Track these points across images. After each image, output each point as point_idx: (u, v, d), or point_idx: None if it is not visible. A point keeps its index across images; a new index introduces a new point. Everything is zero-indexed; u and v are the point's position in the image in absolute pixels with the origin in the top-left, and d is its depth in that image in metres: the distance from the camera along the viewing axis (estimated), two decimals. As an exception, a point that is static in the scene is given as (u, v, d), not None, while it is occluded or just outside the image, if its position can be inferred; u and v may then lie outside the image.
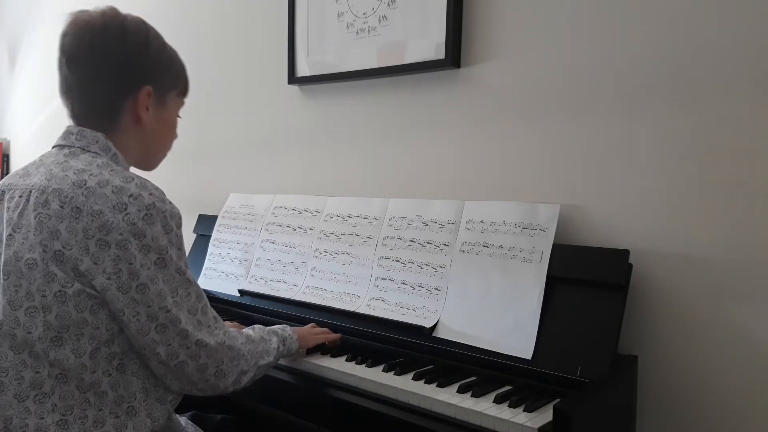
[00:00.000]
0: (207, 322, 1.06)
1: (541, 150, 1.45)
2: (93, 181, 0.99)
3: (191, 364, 1.02)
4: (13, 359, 0.98)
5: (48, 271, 0.96)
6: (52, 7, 3.16)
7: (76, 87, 1.10)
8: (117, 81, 1.09)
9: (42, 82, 3.25)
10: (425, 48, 1.62)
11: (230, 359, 1.07)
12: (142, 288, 0.97)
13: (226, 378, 1.07)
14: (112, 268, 0.96)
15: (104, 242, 0.96)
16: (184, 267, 1.03)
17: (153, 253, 0.98)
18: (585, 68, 1.38)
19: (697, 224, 1.25)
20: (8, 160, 3.51)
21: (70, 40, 1.08)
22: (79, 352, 0.98)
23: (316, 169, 1.93)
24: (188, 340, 1.01)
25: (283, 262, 1.72)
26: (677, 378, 1.27)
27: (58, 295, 0.96)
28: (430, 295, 1.41)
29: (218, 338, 1.05)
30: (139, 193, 0.99)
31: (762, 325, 1.19)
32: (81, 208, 0.96)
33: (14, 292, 0.98)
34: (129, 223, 0.97)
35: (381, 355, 1.34)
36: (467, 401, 1.11)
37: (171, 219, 1.02)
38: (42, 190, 0.99)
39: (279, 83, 2.00)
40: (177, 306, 1.00)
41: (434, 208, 1.50)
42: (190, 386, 1.06)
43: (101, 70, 1.08)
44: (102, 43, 1.07)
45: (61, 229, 0.96)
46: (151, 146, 1.18)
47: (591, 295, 1.23)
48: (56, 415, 0.97)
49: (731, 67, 1.21)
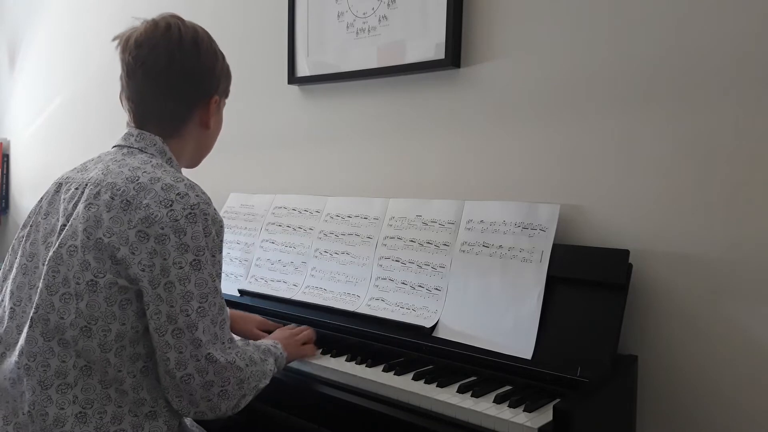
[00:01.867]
0: (223, 338, 1.05)
1: (541, 150, 1.45)
2: (145, 178, 1.03)
3: (197, 378, 1.01)
4: (42, 345, 0.99)
5: (84, 259, 0.99)
6: (52, 7, 3.16)
7: (150, 97, 1.13)
8: (191, 93, 1.16)
9: (42, 82, 3.25)
10: (425, 48, 1.62)
11: (237, 382, 1.05)
12: (169, 286, 0.98)
13: (228, 400, 1.05)
14: (147, 260, 0.98)
15: (144, 234, 0.98)
16: (215, 275, 1.04)
17: (190, 253, 1.00)
18: (585, 68, 1.38)
19: (697, 224, 1.25)
20: (8, 160, 3.51)
21: (147, 53, 1.10)
22: (105, 347, 0.99)
23: (316, 169, 1.93)
24: (200, 351, 1.00)
25: (283, 262, 1.72)
26: (677, 378, 1.28)
27: (90, 284, 0.98)
28: (430, 295, 1.41)
29: (229, 357, 1.04)
30: (187, 192, 1.03)
31: (762, 324, 1.19)
32: (131, 201, 1.00)
33: (52, 277, 1.00)
34: (172, 219, 0.99)
35: (381, 355, 1.34)
36: (467, 401, 1.11)
37: (213, 224, 1.04)
38: (97, 183, 1.04)
39: (279, 83, 2.00)
40: (200, 312, 1.00)
41: (434, 208, 1.50)
42: (191, 406, 1.03)
43: (178, 84, 1.13)
44: (180, 59, 1.12)
45: (105, 218, 1.00)
46: (207, 148, 1.27)
47: (591, 295, 1.23)
48: (76, 407, 0.99)
49: (731, 67, 1.21)
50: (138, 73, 1.12)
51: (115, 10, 2.71)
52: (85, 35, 2.93)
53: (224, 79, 1.23)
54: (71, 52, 3.03)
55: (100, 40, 2.71)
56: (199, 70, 1.15)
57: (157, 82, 1.12)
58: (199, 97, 1.17)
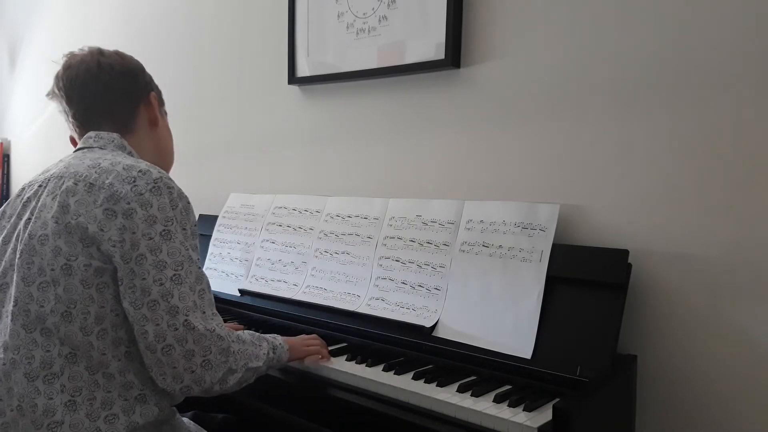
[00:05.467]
0: (203, 306, 1.04)
1: (540, 150, 1.46)
2: (106, 162, 1.07)
3: (177, 348, 0.99)
4: (25, 338, 1.00)
5: (55, 245, 1.01)
6: (52, 7, 3.16)
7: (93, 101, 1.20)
8: (129, 89, 1.23)
9: (42, 82, 3.25)
10: (425, 48, 1.62)
11: (219, 351, 1.03)
12: (140, 259, 1.00)
13: (213, 371, 1.02)
14: (117, 236, 1.00)
15: (111, 211, 1.01)
16: (188, 246, 1.05)
17: (159, 224, 1.02)
18: (585, 68, 1.38)
19: (697, 224, 1.25)
20: (8, 160, 3.51)
21: (76, 69, 1.20)
22: (86, 330, 1.00)
23: (316, 169, 1.93)
24: (177, 319, 0.99)
25: (283, 261, 1.72)
26: (677, 378, 1.28)
27: (64, 269, 1.00)
28: (430, 294, 1.42)
29: (209, 325, 1.03)
30: (148, 169, 1.06)
31: (761, 324, 1.19)
32: (94, 183, 1.03)
33: (27, 269, 1.02)
34: (136, 193, 1.02)
35: (381, 354, 1.35)
36: (467, 401, 1.11)
37: (180, 198, 1.07)
38: (59, 175, 1.08)
39: (279, 83, 2.00)
40: (175, 280, 1.01)
41: (434, 208, 1.50)
42: (175, 382, 1.01)
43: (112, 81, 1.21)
44: (107, 62, 1.21)
45: (71, 203, 1.02)
46: (163, 153, 1.31)
47: (591, 295, 1.24)
48: (65, 395, 0.99)
49: (731, 67, 1.21)
50: (75, 88, 1.19)
51: (116, 10, 2.71)
52: (85, 35, 2.93)
53: (154, 83, 1.30)
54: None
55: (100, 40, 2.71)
56: (128, 68, 1.24)
57: (94, 84, 1.19)
58: (138, 93, 1.24)
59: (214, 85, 2.26)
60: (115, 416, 1.01)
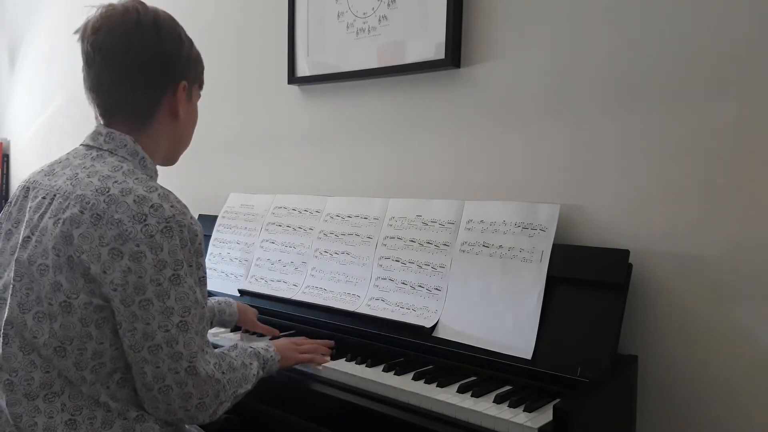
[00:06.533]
0: (203, 346, 1.03)
1: (541, 150, 1.45)
2: (116, 189, 0.97)
3: (176, 390, 0.98)
4: (23, 360, 0.98)
5: (55, 280, 0.95)
6: (52, 7, 3.16)
7: (111, 85, 1.06)
8: (155, 79, 1.08)
9: (42, 82, 3.25)
10: (425, 48, 1.62)
11: (215, 393, 1.03)
12: (146, 304, 0.95)
13: (206, 411, 1.03)
14: (120, 279, 0.94)
15: (118, 252, 0.94)
16: (195, 284, 1.01)
17: (168, 269, 0.96)
18: (585, 68, 1.38)
19: (697, 224, 1.25)
20: (8, 160, 3.51)
21: (103, 37, 1.03)
22: (80, 365, 0.97)
23: (316, 169, 1.93)
24: (179, 364, 0.97)
25: (283, 262, 1.72)
26: (677, 378, 1.28)
27: (63, 305, 0.95)
28: (430, 295, 1.41)
29: (209, 369, 1.02)
30: (161, 204, 0.97)
31: (762, 324, 1.19)
32: (101, 216, 0.95)
33: (25, 295, 0.97)
34: (147, 235, 0.94)
35: (381, 355, 1.34)
36: (467, 401, 1.11)
37: (189, 233, 0.99)
38: (66, 195, 0.99)
39: (279, 83, 2.00)
40: (181, 327, 0.97)
41: (434, 208, 1.50)
42: (167, 415, 1.01)
43: (139, 69, 1.05)
44: (140, 43, 1.04)
45: (75, 235, 0.95)
46: (181, 140, 1.19)
47: (591, 295, 1.23)
48: (65, 414, 0.97)
49: (731, 67, 1.21)
50: (96, 60, 1.04)
51: (115, 10, 2.71)
52: (85, 35, 2.93)
53: (193, 65, 1.15)
54: (71, 51, 3.02)
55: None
56: (161, 52, 1.07)
57: (117, 67, 1.04)
58: (165, 83, 1.09)
59: (214, 85, 2.25)
60: None
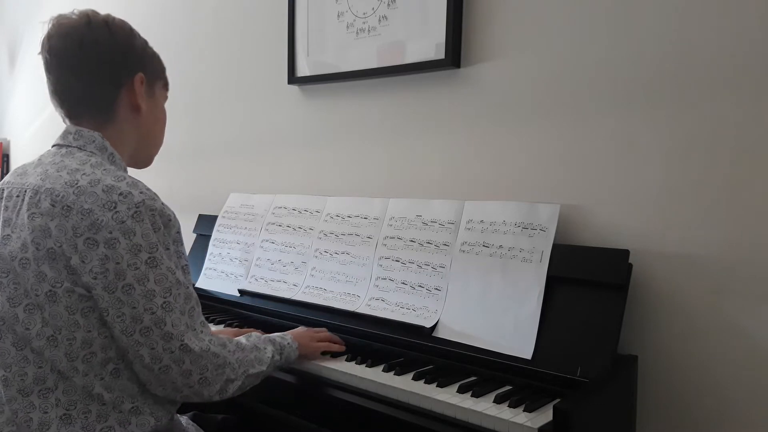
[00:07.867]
0: (194, 325, 1.04)
1: (541, 150, 1.45)
2: (84, 180, 1.00)
3: (175, 368, 1.01)
4: (16, 355, 0.99)
5: (39, 270, 0.97)
6: (52, 8, 3.15)
7: (70, 85, 1.11)
8: (111, 71, 1.11)
9: (42, 82, 3.23)
10: (425, 48, 1.62)
11: (215, 367, 1.05)
12: (128, 289, 0.97)
13: (210, 386, 1.05)
14: (99, 267, 0.96)
15: (93, 241, 0.96)
16: (174, 267, 1.03)
17: (144, 252, 0.98)
18: (585, 68, 1.38)
19: (697, 224, 1.25)
20: (8, 160, 3.51)
21: (56, 41, 1.09)
22: (71, 355, 0.98)
23: (316, 169, 1.93)
24: (172, 343, 1.00)
25: (283, 262, 1.72)
26: (677, 378, 1.27)
27: (49, 295, 0.97)
28: (430, 295, 1.41)
29: (203, 344, 1.04)
30: (129, 191, 0.99)
31: (762, 325, 1.19)
32: (71, 207, 0.97)
33: (13, 289, 1.00)
34: (118, 222, 0.97)
35: (381, 355, 1.34)
36: (467, 401, 1.11)
37: (161, 217, 1.01)
38: (36, 190, 1.01)
39: (279, 83, 2.00)
40: (166, 307, 0.99)
41: (434, 208, 1.50)
42: (175, 392, 1.04)
43: (94, 64, 1.09)
44: (91, 39, 1.09)
45: (52, 227, 0.97)
46: (148, 138, 1.20)
47: (591, 295, 1.23)
48: (60, 409, 0.98)
49: (731, 66, 1.21)
50: (53, 64, 1.10)
51: (116, 10, 2.71)
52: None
53: (149, 59, 1.19)
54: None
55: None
56: (113, 45, 1.11)
57: (73, 66, 1.09)
58: (120, 76, 1.12)
59: (214, 85, 2.26)
60: (110, 428, 1.00)
